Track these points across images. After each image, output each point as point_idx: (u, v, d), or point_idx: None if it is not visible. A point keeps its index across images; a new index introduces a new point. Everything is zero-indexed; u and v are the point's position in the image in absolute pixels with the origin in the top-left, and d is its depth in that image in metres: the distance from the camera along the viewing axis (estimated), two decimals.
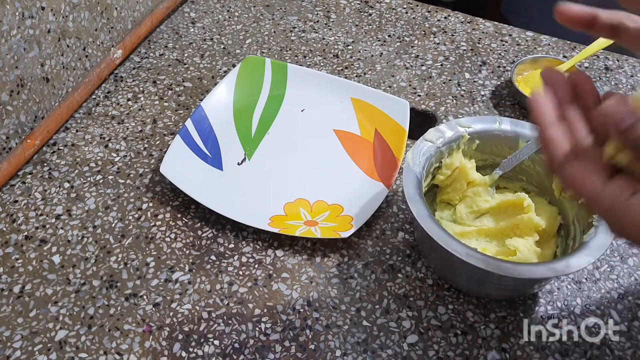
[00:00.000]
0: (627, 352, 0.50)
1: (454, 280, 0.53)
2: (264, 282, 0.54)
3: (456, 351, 0.50)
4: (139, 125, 0.68)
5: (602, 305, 0.53)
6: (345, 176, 0.63)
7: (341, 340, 0.50)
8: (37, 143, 0.64)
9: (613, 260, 0.56)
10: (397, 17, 0.85)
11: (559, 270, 0.45)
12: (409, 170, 0.52)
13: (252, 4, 0.87)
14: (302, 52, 0.78)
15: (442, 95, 0.73)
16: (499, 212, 0.57)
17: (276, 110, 0.69)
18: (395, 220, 0.59)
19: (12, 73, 0.60)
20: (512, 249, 0.52)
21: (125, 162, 0.64)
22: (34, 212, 0.59)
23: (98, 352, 0.49)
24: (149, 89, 0.73)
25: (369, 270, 0.55)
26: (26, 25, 0.61)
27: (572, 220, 0.53)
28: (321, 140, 0.66)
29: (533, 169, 0.57)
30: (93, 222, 0.58)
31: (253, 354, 0.49)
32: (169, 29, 0.82)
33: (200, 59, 0.77)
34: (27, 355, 0.49)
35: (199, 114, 0.66)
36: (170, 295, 0.53)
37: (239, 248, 0.57)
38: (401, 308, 0.52)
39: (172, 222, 0.59)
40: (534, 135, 0.55)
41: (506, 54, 0.79)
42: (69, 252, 0.56)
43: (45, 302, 0.52)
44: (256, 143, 0.66)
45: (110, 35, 0.74)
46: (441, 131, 0.55)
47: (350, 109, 0.68)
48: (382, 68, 0.76)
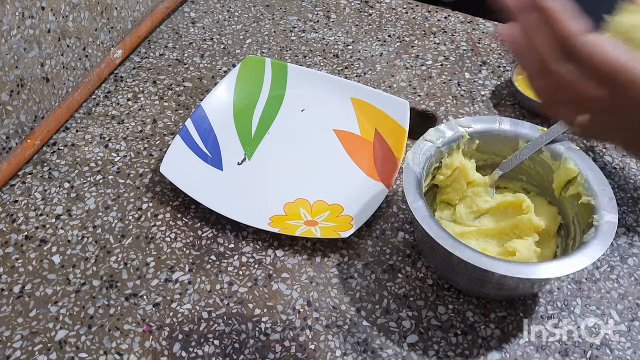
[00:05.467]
0: (627, 352, 0.50)
1: (454, 280, 0.53)
2: (264, 282, 0.54)
3: (456, 351, 0.50)
4: (139, 125, 0.68)
5: (602, 305, 0.53)
6: (345, 176, 0.63)
7: (341, 340, 0.50)
8: (37, 143, 0.64)
9: (613, 260, 0.56)
10: (397, 17, 0.85)
11: (558, 271, 0.45)
12: (409, 170, 0.52)
13: (252, 4, 0.87)
14: (302, 52, 0.78)
15: (442, 95, 0.73)
16: (499, 212, 0.57)
17: (276, 110, 0.69)
18: (395, 220, 0.59)
19: (12, 73, 0.60)
20: (511, 250, 0.52)
21: (125, 162, 0.64)
22: (34, 212, 0.59)
23: (98, 352, 0.49)
24: (149, 89, 0.73)
25: (369, 270, 0.55)
26: (26, 25, 0.61)
27: (572, 220, 0.53)
28: (321, 140, 0.66)
29: (533, 169, 0.57)
30: (93, 222, 0.58)
31: (253, 354, 0.49)
32: (169, 28, 0.82)
33: (200, 59, 0.77)
34: (27, 355, 0.49)
35: (199, 114, 0.66)
36: (170, 295, 0.53)
37: (239, 248, 0.57)
38: (401, 308, 0.52)
39: (172, 222, 0.59)
40: (534, 134, 0.55)
41: (506, 54, 0.78)
42: (69, 252, 0.56)
43: (45, 302, 0.52)
44: (256, 143, 0.66)
45: (110, 35, 0.74)
46: (441, 131, 0.55)
47: (350, 109, 0.68)
48: (382, 68, 0.76)
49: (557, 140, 0.55)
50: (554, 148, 0.54)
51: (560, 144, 0.54)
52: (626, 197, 0.62)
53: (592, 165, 0.53)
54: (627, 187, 0.63)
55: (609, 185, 0.51)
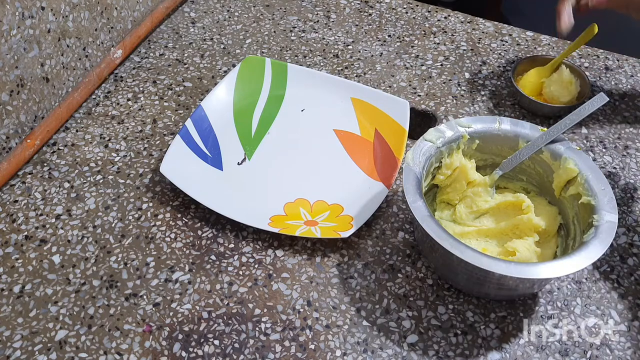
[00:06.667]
0: (627, 352, 0.50)
1: (454, 280, 0.53)
2: (264, 282, 0.54)
3: (456, 351, 0.50)
4: (139, 125, 0.68)
5: (602, 305, 0.53)
6: (345, 176, 0.63)
7: (341, 340, 0.50)
8: (37, 143, 0.64)
9: (613, 260, 0.56)
10: (397, 17, 0.85)
11: (558, 271, 0.45)
12: (409, 170, 0.52)
13: (252, 4, 0.87)
14: (302, 52, 0.78)
15: (442, 95, 0.73)
16: (499, 213, 0.57)
17: (276, 110, 0.69)
18: (395, 220, 0.59)
19: (12, 73, 0.60)
20: (511, 250, 0.52)
21: (125, 162, 0.64)
22: (34, 212, 0.59)
23: (98, 352, 0.49)
24: (149, 89, 0.73)
25: (369, 270, 0.55)
26: (26, 25, 0.61)
27: (572, 220, 0.53)
28: (321, 140, 0.66)
29: (533, 169, 0.57)
30: (93, 222, 0.58)
31: (253, 354, 0.49)
32: (169, 29, 0.82)
33: (200, 59, 0.77)
34: (27, 355, 0.49)
35: (199, 113, 0.66)
36: (170, 295, 0.53)
37: (239, 248, 0.57)
38: (401, 308, 0.52)
39: (172, 222, 0.59)
40: (534, 134, 0.55)
41: (506, 54, 0.79)
42: (69, 252, 0.56)
43: (45, 302, 0.52)
44: (256, 143, 0.66)
45: (110, 35, 0.74)
46: (441, 131, 0.55)
47: (350, 109, 0.68)
48: (382, 68, 0.76)
49: (557, 140, 0.55)
50: (554, 148, 0.54)
51: (560, 144, 0.54)
52: (626, 197, 0.62)
53: (592, 165, 0.53)
54: (627, 187, 0.63)
55: (609, 185, 0.51)
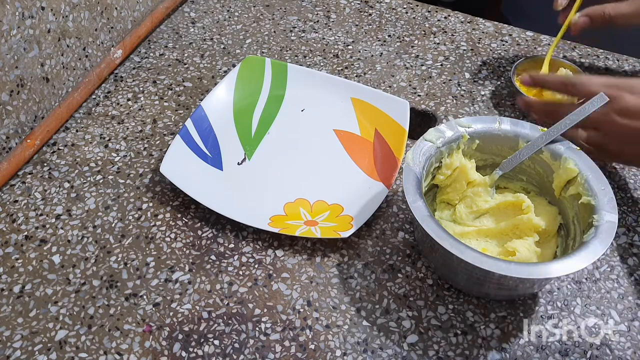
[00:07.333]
0: (627, 352, 0.50)
1: (454, 280, 0.53)
2: (264, 282, 0.54)
3: (456, 351, 0.50)
4: (139, 125, 0.68)
5: (602, 305, 0.53)
6: (345, 176, 0.63)
7: (341, 340, 0.50)
8: (37, 143, 0.64)
9: (613, 260, 0.56)
10: (397, 17, 0.85)
11: (558, 271, 0.45)
12: (409, 170, 0.52)
13: (252, 4, 0.87)
14: (302, 52, 0.78)
15: (442, 95, 0.73)
16: (499, 213, 0.57)
17: (276, 110, 0.69)
18: (395, 220, 0.59)
19: (12, 73, 0.60)
20: (511, 250, 0.52)
21: (125, 162, 0.64)
22: (34, 212, 0.59)
23: (98, 352, 0.49)
24: (149, 89, 0.73)
25: (369, 270, 0.55)
26: (26, 25, 0.61)
27: (572, 220, 0.53)
28: (321, 140, 0.66)
29: (533, 169, 0.57)
30: (93, 222, 0.58)
31: (253, 354, 0.49)
32: (169, 28, 0.82)
33: (200, 59, 0.77)
34: (27, 355, 0.49)
35: (199, 113, 0.66)
36: (170, 295, 0.53)
37: (239, 248, 0.57)
38: (401, 308, 0.52)
39: (172, 222, 0.59)
40: (534, 134, 0.55)
41: (506, 54, 0.79)
42: (69, 252, 0.56)
43: (45, 302, 0.52)
44: (256, 143, 0.66)
45: (110, 35, 0.74)
46: (441, 131, 0.55)
47: (350, 109, 0.68)
48: (382, 68, 0.76)
49: (557, 140, 0.55)
50: (554, 148, 0.54)
51: (560, 144, 0.54)
52: (626, 197, 0.62)
53: (592, 165, 0.53)
54: (627, 187, 0.63)
55: (609, 185, 0.51)
